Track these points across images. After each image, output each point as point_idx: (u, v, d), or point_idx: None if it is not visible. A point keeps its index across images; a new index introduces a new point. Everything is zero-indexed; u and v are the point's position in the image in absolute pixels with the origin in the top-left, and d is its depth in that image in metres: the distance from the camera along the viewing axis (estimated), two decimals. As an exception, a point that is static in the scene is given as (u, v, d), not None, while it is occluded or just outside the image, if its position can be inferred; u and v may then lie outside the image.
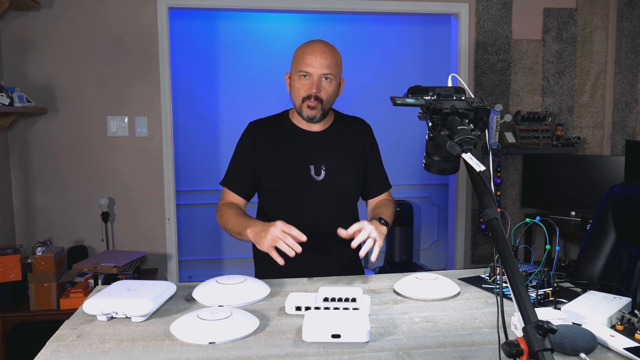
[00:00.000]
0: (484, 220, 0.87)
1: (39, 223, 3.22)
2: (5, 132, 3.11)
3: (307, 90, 1.64)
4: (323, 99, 1.65)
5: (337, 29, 4.25)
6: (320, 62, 1.62)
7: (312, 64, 1.62)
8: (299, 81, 1.65)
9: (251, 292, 1.37)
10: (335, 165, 1.72)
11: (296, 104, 1.69)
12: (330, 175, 1.71)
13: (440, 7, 3.50)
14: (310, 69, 1.63)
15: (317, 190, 1.70)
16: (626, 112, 3.52)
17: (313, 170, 1.70)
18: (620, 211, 1.62)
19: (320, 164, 1.70)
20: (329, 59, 1.63)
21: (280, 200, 1.73)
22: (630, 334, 1.14)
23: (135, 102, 3.25)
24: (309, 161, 1.70)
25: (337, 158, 1.73)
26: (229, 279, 1.41)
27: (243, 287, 1.38)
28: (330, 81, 1.65)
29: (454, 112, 1.05)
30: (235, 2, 3.33)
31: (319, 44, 1.67)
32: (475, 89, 3.59)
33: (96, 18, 3.17)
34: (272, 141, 1.73)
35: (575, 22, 3.64)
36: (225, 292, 1.36)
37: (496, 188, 3.64)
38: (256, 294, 1.37)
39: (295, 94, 1.68)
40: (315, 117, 1.67)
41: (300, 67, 1.64)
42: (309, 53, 1.64)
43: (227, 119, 4.21)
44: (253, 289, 1.39)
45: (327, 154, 1.72)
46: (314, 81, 1.63)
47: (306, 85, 1.64)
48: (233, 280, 1.41)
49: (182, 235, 4.01)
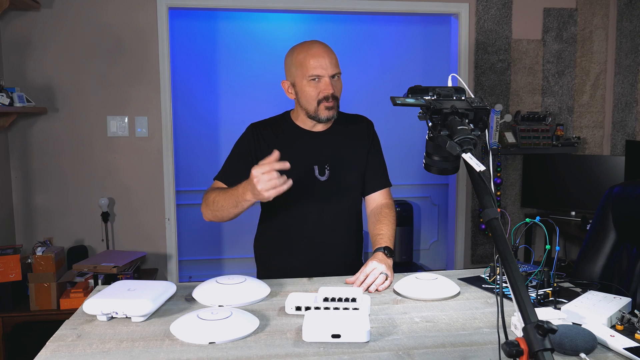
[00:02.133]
0: (484, 220, 0.87)
1: (39, 223, 3.22)
2: (5, 132, 3.11)
3: (323, 92, 1.63)
4: (338, 97, 1.67)
5: (337, 29, 4.25)
6: (328, 62, 1.63)
7: (321, 66, 1.62)
8: (310, 85, 1.63)
9: (251, 292, 1.37)
10: (338, 164, 1.71)
11: (310, 108, 1.66)
12: (335, 175, 1.70)
13: (440, 7, 3.50)
14: (320, 71, 1.62)
15: (321, 190, 1.69)
16: (626, 112, 3.52)
17: (317, 171, 1.70)
18: (620, 211, 1.62)
19: (324, 164, 1.70)
20: (334, 59, 1.65)
21: (285, 200, 1.72)
22: (630, 334, 1.14)
23: (135, 102, 3.25)
24: (313, 161, 1.70)
25: (339, 157, 1.72)
26: (229, 279, 1.41)
27: (243, 287, 1.38)
28: (338, 79, 1.67)
29: (454, 112, 1.05)
30: (235, 2, 3.33)
31: (320, 46, 1.67)
32: (475, 89, 3.59)
33: (96, 18, 3.17)
34: (274, 142, 1.71)
35: (575, 22, 3.64)
36: (225, 292, 1.36)
37: (496, 188, 3.64)
38: (256, 294, 1.37)
39: (308, 99, 1.65)
40: (333, 117, 1.67)
41: (310, 72, 1.62)
42: (314, 56, 1.63)
43: (227, 119, 4.21)
44: (253, 289, 1.39)
45: (330, 153, 1.72)
46: (327, 82, 1.63)
47: (320, 87, 1.63)
48: (233, 280, 1.41)
49: (182, 235, 4.00)
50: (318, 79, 1.63)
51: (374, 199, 1.79)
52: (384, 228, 1.67)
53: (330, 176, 1.70)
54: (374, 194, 1.79)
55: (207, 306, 1.31)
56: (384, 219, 1.70)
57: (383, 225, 1.68)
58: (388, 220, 1.70)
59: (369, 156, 1.78)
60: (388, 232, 1.66)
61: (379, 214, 1.73)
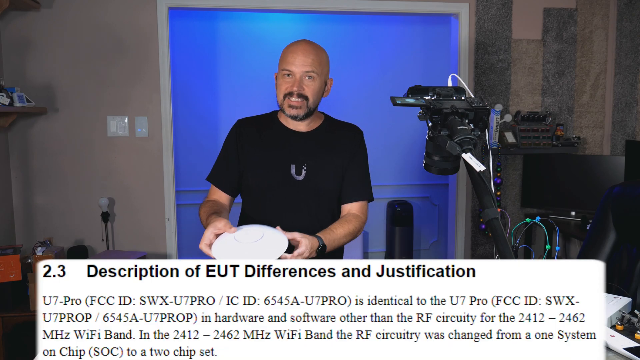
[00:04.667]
0: (484, 220, 0.87)
1: (39, 223, 3.22)
2: (5, 132, 3.11)
3: (288, 87, 1.65)
4: (308, 97, 1.65)
5: (337, 29, 4.25)
6: (302, 60, 1.63)
7: (294, 62, 1.63)
8: (282, 79, 1.67)
9: (268, 250, 1.39)
10: (316, 166, 1.70)
11: (279, 102, 1.69)
12: (311, 175, 1.69)
13: (440, 7, 3.50)
14: (292, 67, 1.64)
15: (296, 190, 1.69)
16: (626, 112, 3.52)
17: (294, 170, 1.69)
18: (620, 211, 1.62)
19: (301, 164, 1.69)
20: (311, 58, 1.64)
21: (260, 197, 1.72)
22: (630, 334, 1.14)
23: (135, 102, 3.25)
24: (290, 160, 1.70)
25: (319, 159, 1.71)
26: (247, 235, 1.43)
27: (260, 246, 1.39)
28: (313, 79, 1.65)
29: (454, 112, 1.05)
30: (235, 2, 3.33)
31: (302, 43, 1.68)
32: (475, 89, 3.59)
33: (96, 18, 3.17)
34: (257, 138, 1.74)
35: (575, 22, 3.64)
36: (242, 250, 1.38)
37: (496, 188, 3.64)
38: (273, 251, 1.39)
39: (278, 92, 1.69)
40: (298, 116, 1.67)
41: (284, 66, 1.65)
42: (291, 52, 1.65)
43: (227, 118, 4.20)
44: (269, 247, 1.40)
45: (310, 154, 1.71)
46: (296, 79, 1.64)
47: (288, 83, 1.65)
48: (251, 236, 1.42)
49: (182, 235, 4.00)
50: (290, 74, 1.65)
51: (347, 210, 1.75)
52: (336, 225, 1.65)
53: (306, 177, 1.69)
54: (349, 204, 1.74)
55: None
56: (341, 221, 1.68)
57: (337, 224, 1.66)
58: (347, 224, 1.67)
59: (350, 165, 1.75)
60: (338, 231, 1.63)
61: (341, 218, 1.71)
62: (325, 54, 1.71)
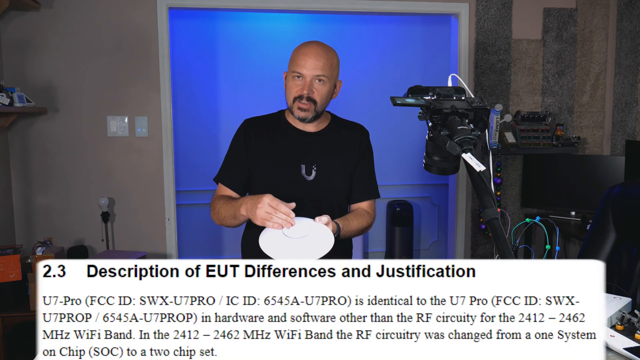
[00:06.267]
0: (484, 220, 0.87)
1: (39, 223, 3.22)
2: (5, 132, 3.12)
3: (298, 90, 1.65)
4: (317, 101, 1.66)
5: (337, 29, 4.25)
6: (313, 63, 1.63)
7: (305, 65, 1.63)
8: (292, 81, 1.67)
9: (316, 247, 1.40)
10: (326, 166, 1.72)
11: (288, 103, 1.70)
12: (321, 175, 1.70)
13: (440, 7, 3.50)
14: (303, 70, 1.64)
15: (306, 190, 1.69)
16: (626, 112, 3.52)
17: (304, 170, 1.70)
18: (620, 211, 1.62)
19: (311, 164, 1.71)
20: (322, 61, 1.64)
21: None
22: (630, 334, 1.14)
23: (135, 102, 3.25)
24: (300, 160, 1.71)
25: (328, 160, 1.73)
26: (294, 229, 1.43)
27: (308, 242, 1.40)
28: (323, 83, 1.66)
29: (454, 112, 1.05)
30: (235, 2, 3.33)
31: (314, 46, 1.67)
32: (475, 89, 3.59)
33: (96, 18, 3.17)
34: (265, 138, 1.74)
35: (575, 22, 3.64)
36: (292, 246, 1.39)
37: (496, 188, 3.64)
38: (321, 249, 1.39)
39: (288, 94, 1.70)
40: (306, 118, 1.68)
41: (294, 68, 1.65)
42: (303, 54, 1.65)
43: (227, 118, 4.21)
44: (317, 243, 1.41)
45: (319, 154, 1.72)
46: (306, 82, 1.64)
47: (298, 86, 1.65)
48: (298, 231, 1.43)
49: (182, 235, 4.00)
50: (300, 77, 1.65)
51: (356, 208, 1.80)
52: (351, 218, 1.69)
53: (316, 177, 1.70)
54: (358, 204, 1.79)
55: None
56: (356, 214, 1.73)
57: (351, 215, 1.70)
58: (361, 217, 1.72)
59: (358, 165, 1.78)
60: (353, 222, 1.67)
61: (355, 211, 1.76)
62: (336, 56, 1.71)
